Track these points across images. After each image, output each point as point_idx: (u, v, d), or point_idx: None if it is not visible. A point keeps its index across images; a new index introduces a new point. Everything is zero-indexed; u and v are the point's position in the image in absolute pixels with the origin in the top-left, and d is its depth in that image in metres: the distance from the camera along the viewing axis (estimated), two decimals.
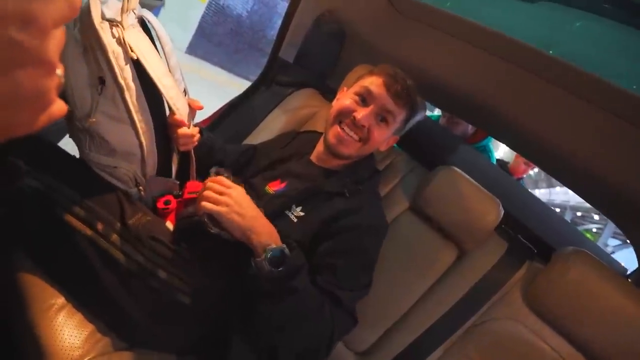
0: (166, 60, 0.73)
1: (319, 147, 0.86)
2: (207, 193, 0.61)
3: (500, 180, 1.21)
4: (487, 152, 1.52)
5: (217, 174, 0.66)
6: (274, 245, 0.61)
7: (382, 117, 0.78)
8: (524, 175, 2.09)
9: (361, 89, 0.79)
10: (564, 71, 0.75)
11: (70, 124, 0.65)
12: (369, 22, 1.04)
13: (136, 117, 0.65)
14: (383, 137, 0.80)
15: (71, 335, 0.60)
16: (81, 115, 0.61)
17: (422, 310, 0.87)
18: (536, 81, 0.81)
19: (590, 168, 0.83)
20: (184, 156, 0.82)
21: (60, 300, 0.63)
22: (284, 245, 0.62)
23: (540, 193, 9.28)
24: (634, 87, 0.81)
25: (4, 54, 0.18)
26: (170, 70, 0.72)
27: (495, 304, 0.83)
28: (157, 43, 0.73)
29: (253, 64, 7.00)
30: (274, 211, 0.71)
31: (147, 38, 0.70)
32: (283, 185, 0.81)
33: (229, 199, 0.61)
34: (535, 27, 1.05)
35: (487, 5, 1.14)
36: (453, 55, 0.93)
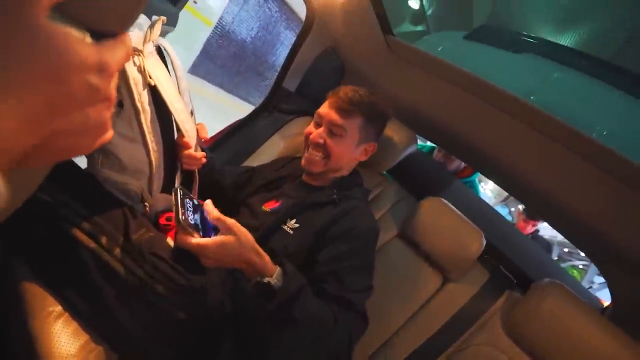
0: (177, 84, 0.80)
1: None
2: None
3: (485, 214, 1.27)
4: (473, 187, 1.60)
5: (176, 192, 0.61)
6: (259, 279, 0.61)
7: (332, 131, 0.86)
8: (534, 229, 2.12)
9: (315, 115, 0.90)
10: (540, 117, 0.83)
11: None
12: (368, 60, 1.13)
13: (149, 137, 0.70)
14: (342, 148, 0.87)
15: (67, 343, 0.61)
16: None
17: (406, 335, 0.90)
18: (517, 124, 0.89)
19: (567, 208, 0.89)
20: (187, 175, 0.86)
21: (58, 308, 0.64)
22: (273, 275, 0.62)
23: None
24: (602, 135, 0.90)
25: (83, 95, 0.23)
26: (180, 93, 0.79)
27: (476, 330, 0.87)
28: (170, 68, 0.79)
29: (252, 87, 7.20)
30: (270, 227, 0.76)
31: (162, 65, 0.77)
32: (278, 204, 0.87)
33: (209, 258, 0.60)
34: (518, 76, 1.15)
35: (474, 53, 1.25)
36: (442, 95, 1.02)
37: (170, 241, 0.76)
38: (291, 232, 0.79)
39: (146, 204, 0.75)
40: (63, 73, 0.21)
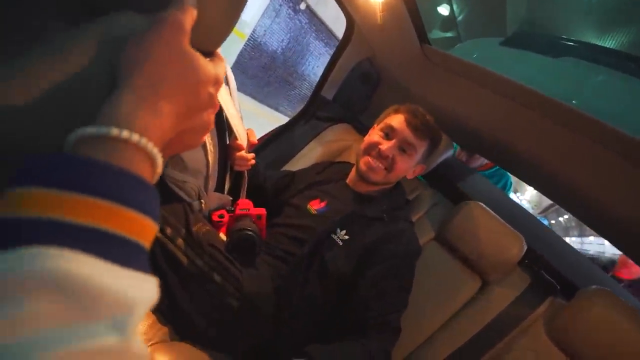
0: (229, 90, 0.87)
1: (353, 173, 0.99)
2: None
3: (525, 219, 1.25)
4: (500, 175, 1.57)
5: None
6: None
7: (403, 148, 0.90)
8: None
9: (385, 126, 0.93)
10: (584, 121, 0.83)
11: None
12: (404, 69, 1.17)
13: (207, 140, 0.77)
14: (406, 166, 0.92)
15: None
16: None
17: (444, 338, 0.91)
18: (560, 129, 0.88)
19: (614, 215, 0.86)
20: (237, 176, 0.93)
21: None
22: None
23: (571, 241, 8.85)
24: None
25: (205, 102, 0.29)
26: (233, 98, 0.86)
27: (517, 336, 0.87)
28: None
29: (282, 97, 7.40)
30: (320, 235, 0.80)
31: None
32: (323, 204, 0.92)
33: None
34: (558, 79, 1.14)
35: (512, 59, 1.25)
36: (479, 101, 1.03)
37: (223, 236, 0.83)
38: (341, 243, 0.82)
39: (202, 201, 0.83)
40: (198, 85, 0.27)
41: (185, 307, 0.71)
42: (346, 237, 0.82)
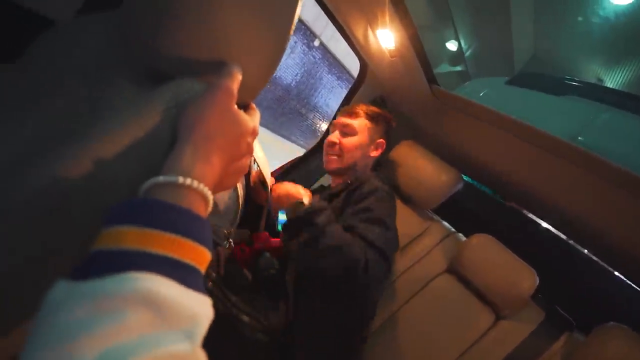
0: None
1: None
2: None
3: (548, 241, 1.26)
4: None
5: None
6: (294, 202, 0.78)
7: (344, 132, 1.04)
8: None
9: (329, 127, 1.11)
10: (588, 158, 0.86)
11: None
12: (415, 107, 1.24)
13: (238, 185, 0.82)
14: (353, 144, 1.03)
15: None
16: None
17: None
18: (565, 164, 0.91)
19: (619, 244, 0.88)
20: (256, 208, 0.98)
21: None
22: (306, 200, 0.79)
23: None
24: None
25: (245, 150, 0.35)
26: None
27: None
28: None
29: (295, 127, 7.63)
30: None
31: None
32: None
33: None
34: (562, 118, 1.19)
35: (516, 98, 1.31)
36: (486, 138, 1.08)
37: (247, 273, 0.87)
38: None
39: (231, 240, 0.87)
40: (240, 138, 0.33)
41: (216, 348, 0.73)
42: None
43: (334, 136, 1.05)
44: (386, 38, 0.95)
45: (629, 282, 0.98)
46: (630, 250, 0.86)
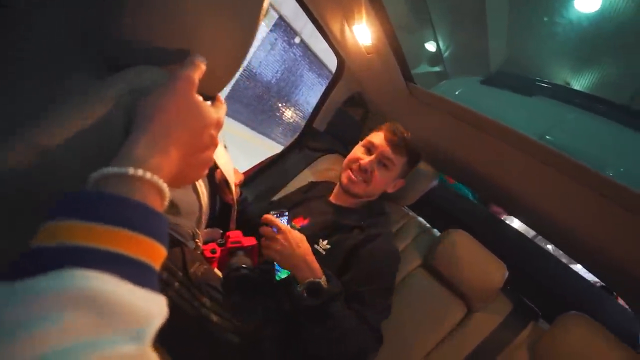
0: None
1: (336, 189, 1.06)
2: (263, 242, 0.76)
3: (514, 239, 1.30)
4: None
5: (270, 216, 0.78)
6: (311, 279, 0.73)
7: (383, 163, 0.97)
8: None
9: (367, 142, 1.02)
10: (555, 157, 0.89)
11: None
12: (391, 104, 1.25)
13: (198, 183, 0.77)
14: (385, 180, 0.99)
15: None
16: None
17: None
18: (534, 163, 0.95)
19: (585, 241, 0.92)
20: (225, 207, 0.95)
21: None
22: (322, 278, 0.74)
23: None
24: (617, 173, 0.94)
25: (208, 142, 0.34)
26: None
27: None
28: None
29: (275, 125, 7.57)
30: None
31: None
32: (306, 221, 0.96)
33: (276, 241, 0.75)
34: (532, 117, 1.23)
35: (490, 97, 1.35)
36: (460, 135, 1.11)
37: (218, 272, 0.84)
38: (324, 252, 0.87)
39: (197, 240, 0.82)
40: (202, 130, 0.32)
41: (183, 351, 0.71)
42: (328, 246, 0.87)
43: (370, 161, 0.96)
44: (362, 34, 0.95)
45: (588, 273, 1.03)
46: (592, 244, 0.91)
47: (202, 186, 0.77)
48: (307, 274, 0.74)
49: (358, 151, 1.01)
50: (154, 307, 0.22)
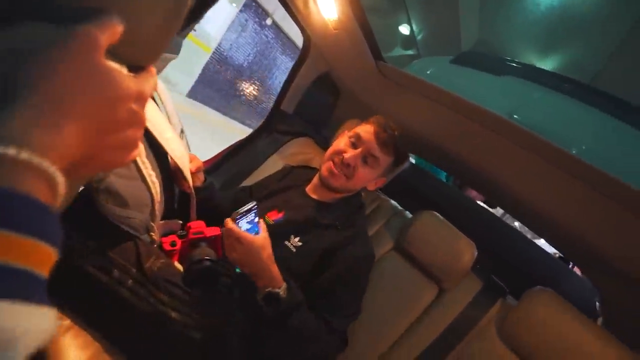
0: (164, 108, 0.83)
1: (315, 180, 0.99)
2: (226, 242, 0.72)
3: (483, 218, 1.32)
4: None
5: (235, 214, 0.72)
6: (270, 289, 0.71)
7: (367, 159, 0.91)
8: None
9: (354, 134, 0.94)
10: (522, 135, 0.89)
11: (88, 184, 0.67)
12: (360, 84, 1.21)
13: (146, 172, 0.70)
14: (367, 177, 0.93)
15: (75, 356, 0.63)
16: (96, 178, 0.65)
17: (406, 344, 0.92)
18: (502, 141, 0.94)
19: (547, 215, 0.93)
20: (183, 197, 0.88)
21: (67, 321, 0.66)
22: (282, 286, 0.71)
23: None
24: (580, 150, 0.96)
25: (126, 119, 0.28)
26: (168, 116, 0.83)
27: (473, 339, 0.90)
28: (155, 94, 0.83)
29: (249, 110, 7.36)
30: (274, 241, 0.78)
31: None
32: (281, 215, 0.91)
33: (236, 250, 0.71)
34: (500, 96, 1.23)
35: (460, 76, 1.34)
36: (431, 115, 1.09)
37: (178, 265, 0.78)
38: (294, 249, 0.83)
39: (152, 233, 0.76)
40: (114, 102, 0.26)
41: (137, 346, 0.66)
42: (299, 243, 0.83)
43: (354, 156, 0.90)
44: (327, 7, 0.89)
45: (553, 249, 1.06)
46: (557, 219, 0.92)
47: (152, 175, 0.71)
48: (266, 282, 0.71)
49: (342, 142, 0.94)
50: (24, 323, 0.17)
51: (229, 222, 0.71)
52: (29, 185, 0.20)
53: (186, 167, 0.82)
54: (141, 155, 0.69)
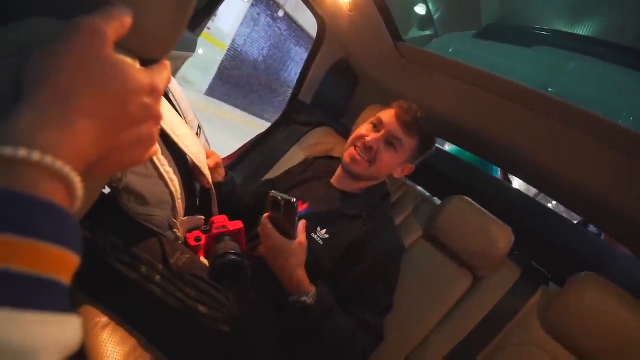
0: (178, 105, 0.82)
1: (339, 171, 0.96)
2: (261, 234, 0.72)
3: (517, 200, 1.25)
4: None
5: (274, 197, 0.69)
6: (296, 298, 0.70)
7: (390, 142, 0.88)
8: None
9: (375, 119, 0.91)
10: (560, 107, 0.82)
11: (109, 184, 0.69)
12: (380, 67, 1.16)
13: (163, 170, 0.70)
14: (392, 162, 0.90)
15: (114, 352, 0.65)
16: (115, 178, 0.66)
17: (439, 337, 0.89)
18: (538, 117, 0.87)
19: (589, 193, 0.86)
20: (204, 193, 0.88)
21: (104, 319, 0.68)
22: (311, 292, 0.70)
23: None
24: (628, 121, 0.87)
25: (139, 114, 0.26)
26: (183, 113, 0.82)
27: (513, 329, 0.85)
28: (168, 92, 0.83)
29: (267, 104, 7.39)
30: None
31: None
32: (305, 206, 0.89)
33: (265, 247, 0.72)
34: (532, 68, 1.15)
35: (485, 51, 1.25)
36: (456, 95, 1.02)
37: (204, 260, 0.79)
38: (321, 242, 0.80)
39: (175, 230, 0.77)
40: (124, 96, 0.24)
41: (171, 342, 0.68)
42: (326, 235, 0.81)
43: (376, 139, 0.87)
44: None
45: (595, 231, 0.98)
46: (598, 195, 0.85)
47: (169, 172, 0.71)
48: (294, 289, 0.70)
49: (364, 128, 0.92)
50: (43, 335, 0.16)
51: (265, 220, 0.71)
52: (44, 188, 0.19)
53: (203, 163, 0.82)
54: (157, 153, 0.69)
